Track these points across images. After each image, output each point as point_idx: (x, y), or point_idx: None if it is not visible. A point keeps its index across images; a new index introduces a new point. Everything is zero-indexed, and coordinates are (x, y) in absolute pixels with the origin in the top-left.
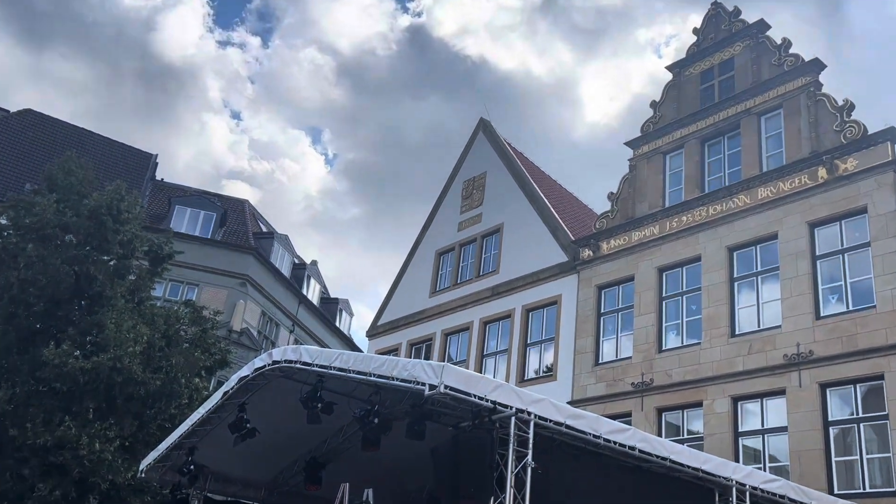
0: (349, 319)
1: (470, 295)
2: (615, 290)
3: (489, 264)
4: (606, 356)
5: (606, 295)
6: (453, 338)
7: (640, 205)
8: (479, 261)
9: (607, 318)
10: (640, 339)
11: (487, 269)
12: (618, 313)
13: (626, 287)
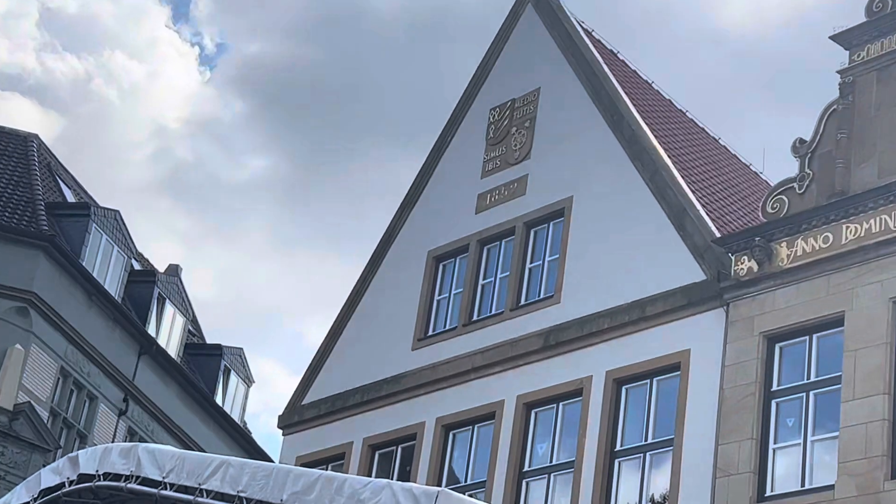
0: (244, 390)
1: (499, 347)
2: (802, 344)
3: (540, 284)
4: (781, 483)
5: (785, 354)
6: (462, 436)
7: (864, 167)
8: (518, 276)
9: (785, 401)
10: (854, 448)
11: (536, 293)
12: (806, 392)
13: (826, 338)
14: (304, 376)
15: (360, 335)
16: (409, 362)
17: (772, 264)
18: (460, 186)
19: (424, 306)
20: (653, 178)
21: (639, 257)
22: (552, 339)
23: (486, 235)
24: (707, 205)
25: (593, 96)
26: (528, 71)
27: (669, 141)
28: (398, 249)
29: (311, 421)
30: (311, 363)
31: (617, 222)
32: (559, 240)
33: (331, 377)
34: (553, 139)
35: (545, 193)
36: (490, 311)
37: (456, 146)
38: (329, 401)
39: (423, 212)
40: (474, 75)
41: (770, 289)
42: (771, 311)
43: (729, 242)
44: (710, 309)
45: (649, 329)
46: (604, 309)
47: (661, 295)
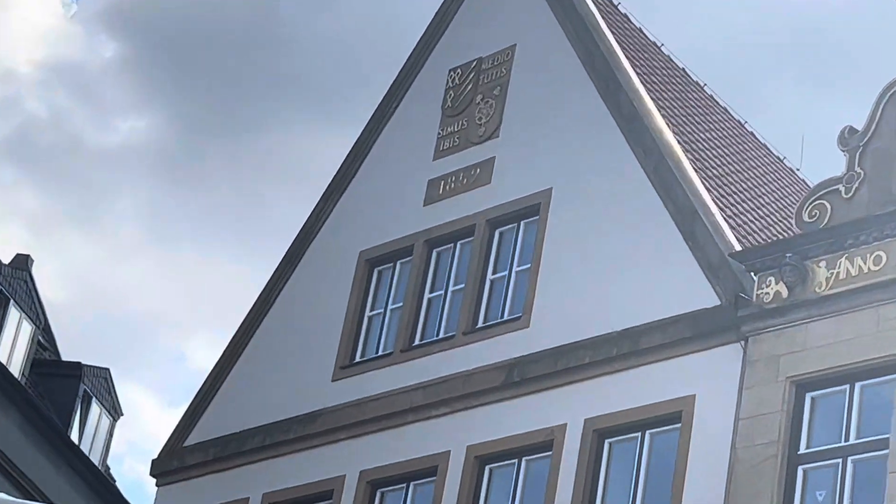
0: (108, 424)
1: (447, 382)
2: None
3: (505, 302)
4: None
5: (819, 406)
6: (392, 496)
7: None
8: (476, 290)
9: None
10: None
11: (499, 313)
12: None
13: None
14: (188, 410)
15: (264, 359)
16: (329, 397)
17: (806, 289)
18: (405, 170)
19: (351, 325)
20: (657, 169)
21: (633, 273)
22: (517, 375)
23: (436, 235)
24: (726, 208)
25: (584, 59)
26: (501, 23)
27: (681, 121)
28: (319, 249)
29: (195, 469)
30: (198, 394)
31: (607, 226)
32: (531, 245)
33: (223, 413)
34: (529, 113)
35: (516, 183)
36: (437, 334)
37: (402, 117)
38: (220, 443)
39: (354, 201)
40: (430, 25)
41: (802, 321)
42: (802, 351)
43: (752, 258)
44: (723, 344)
45: (643, 367)
46: (585, 338)
47: (660, 323)
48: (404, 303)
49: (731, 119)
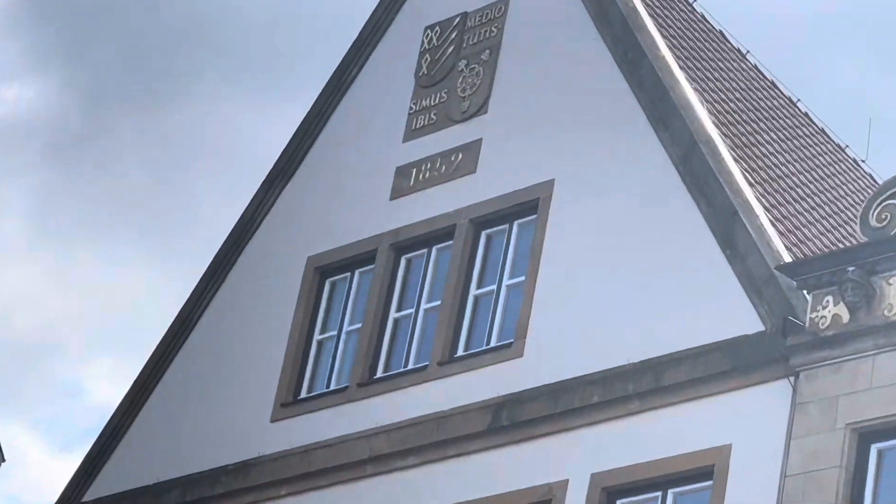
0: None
1: (418, 425)
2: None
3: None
4: None
5: (887, 460)
6: None
7: None
8: (456, 308)
9: None
10: None
11: (484, 339)
12: None
13: None
14: (88, 457)
15: (184, 394)
16: (267, 442)
17: (873, 312)
18: (367, 154)
19: (296, 351)
20: (686, 158)
21: (656, 289)
22: (506, 418)
23: (405, 238)
24: (773, 208)
25: (597, 17)
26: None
27: (718, 98)
28: (256, 254)
29: None
30: (101, 436)
31: (623, 229)
32: (527, 252)
33: (132, 461)
34: (526, 84)
35: (509, 173)
36: (406, 364)
37: (363, 88)
38: (128, 499)
39: (301, 193)
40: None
41: (868, 353)
42: (868, 391)
43: (805, 272)
44: (767, 380)
45: (666, 409)
46: (593, 371)
47: (688, 353)
48: (364, 323)
49: (781, 96)
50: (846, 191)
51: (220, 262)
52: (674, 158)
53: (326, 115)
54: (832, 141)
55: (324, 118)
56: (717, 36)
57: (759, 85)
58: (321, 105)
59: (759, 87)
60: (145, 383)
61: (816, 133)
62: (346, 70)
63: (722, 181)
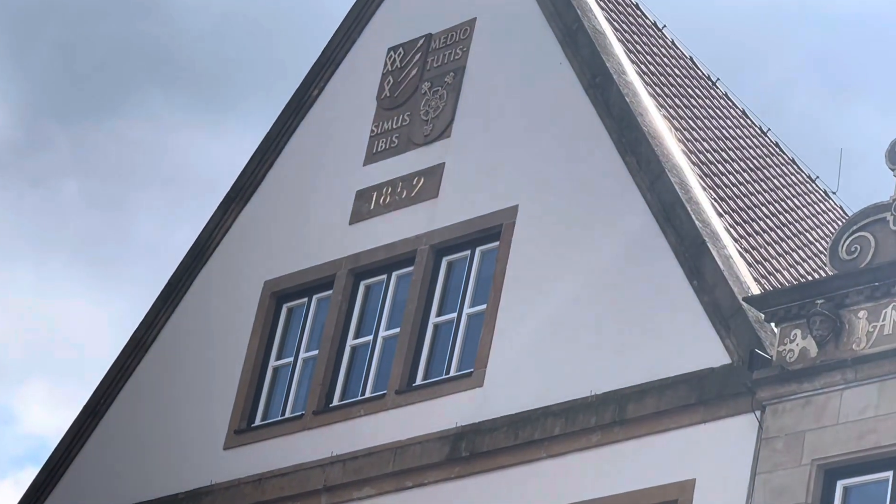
0: None
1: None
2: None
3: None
4: None
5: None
6: None
7: None
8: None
9: None
10: None
11: (444, 368)
12: None
13: None
14: (32, 488)
15: (135, 421)
16: (220, 470)
17: (841, 346)
18: (327, 177)
19: (251, 377)
20: (654, 185)
21: (619, 320)
22: (465, 448)
23: (364, 263)
24: (742, 239)
25: (564, 40)
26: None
27: (686, 125)
28: (212, 277)
29: None
30: (48, 464)
31: (588, 257)
32: (488, 279)
33: (79, 490)
34: (490, 108)
35: (471, 199)
36: (363, 392)
37: (324, 109)
38: None
39: (259, 216)
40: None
41: (836, 387)
42: (834, 426)
43: (773, 304)
44: (733, 414)
45: (630, 441)
46: (555, 403)
47: (653, 385)
48: (321, 350)
49: (751, 125)
50: (816, 222)
51: (174, 285)
52: (641, 186)
53: (286, 136)
54: (802, 171)
55: (283, 139)
56: (687, 62)
57: (729, 113)
58: (281, 125)
59: (729, 116)
60: (95, 408)
61: (787, 163)
62: (307, 90)
63: (690, 210)
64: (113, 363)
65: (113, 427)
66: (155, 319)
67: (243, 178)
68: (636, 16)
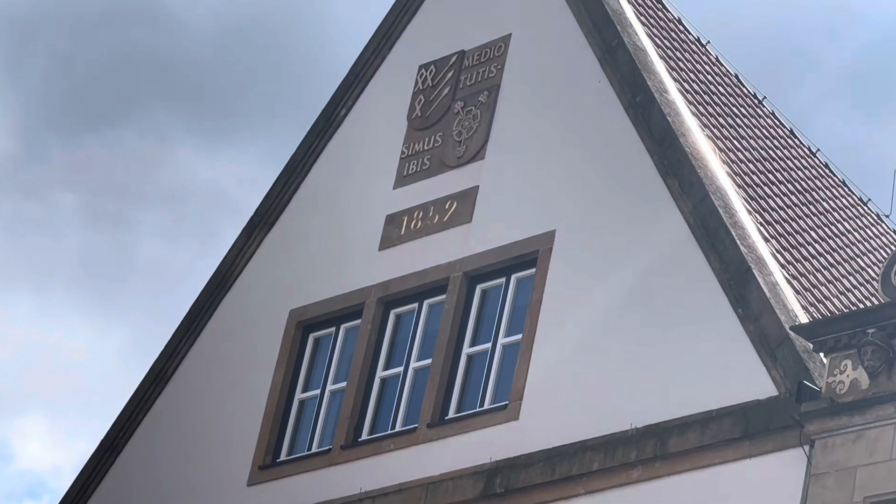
0: None
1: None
2: None
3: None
4: None
5: None
6: None
7: None
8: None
9: None
10: None
11: (477, 401)
12: None
13: None
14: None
15: (155, 454)
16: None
17: (894, 377)
18: (356, 202)
19: (276, 410)
20: (697, 209)
21: (662, 350)
22: (499, 484)
23: (394, 291)
24: (789, 265)
25: (603, 57)
26: (492, 5)
27: (731, 146)
28: (235, 306)
29: None
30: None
31: (628, 285)
32: (525, 308)
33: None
34: (526, 128)
35: (506, 224)
36: (393, 426)
37: (352, 130)
38: None
39: (285, 242)
40: (395, 5)
41: (889, 420)
42: (886, 462)
43: (822, 334)
44: (780, 449)
45: (671, 477)
46: (594, 437)
47: (695, 419)
48: (349, 382)
49: (800, 145)
50: (867, 247)
51: (196, 314)
52: (684, 210)
53: (312, 158)
54: (853, 194)
55: (309, 161)
56: (732, 79)
57: (776, 133)
58: (306, 147)
59: (776, 136)
60: (113, 442)
61: (837, 185)
62: (334, 110)
63: (735, 235)
64: (132, 395)
65: (131, 462)
66: (175, 350)
67: (267, 202)
68: (678, 31)
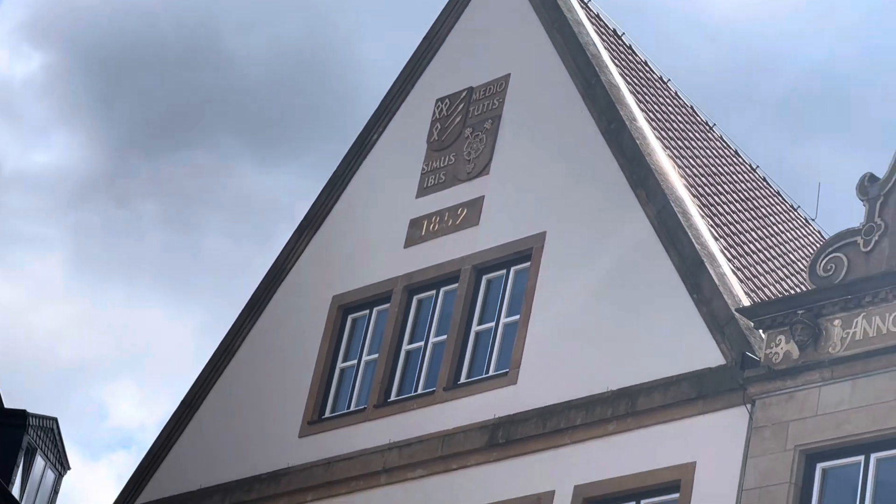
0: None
1: (425, 442)
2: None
3: (490, 356)
4: None
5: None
6: None
7: None
8: (459, 342)
9: None
10: None
11: (484, 368)
12: None
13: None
14: (142, 464)
15: (225, 412)
16: (295, 455)
17: (819, 350)
18: (385, 208)
19: (322, 376)
20: (660, 215)
21: (632, 327)
22: (501, 436)
23: (417, 281)
24: (735, 259)
25: (584, 92)
26: (495, 50)
27: (688, 164)
28: (289, 292)
29: None
30: (152, 448)
31: (605, 275)
32: (521, 294)
33: (179, 470)
34: (523, 149)
35: (506, 226)
36: (416, 389)
37: (384, 150)
38: (176, 502)
39: (328, 240)
40: (417, 50)
41: (814, 384)
42: (813, 417)
43: (761, 314)
44: (727, 407)
45: (639, 430)
46: (577, 397)
47: (659, 383)
48: (380, 354)
49: (742, 163)
50: (797, 245)
51: (257, 299)
52: (649, 215)
53: (350, 173)
54: (786, 202)
55: (348, 176)
56: (688, 110)
57: (724, 153)
58: (346, 164)
59: (724, 155)
60: (191, 402)
61: (772, 195)
62: (368, 135)
63: (690, 235)
64: (205, 365)
65: (206, 418)
66: (240, 328)
67: (314, 209)
68: (645, 71)
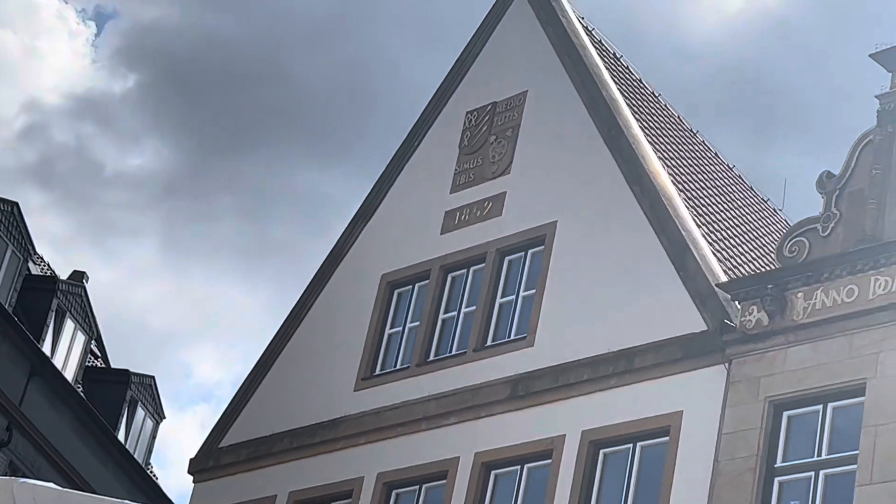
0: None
1: (458, 394)
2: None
3: (511, 323)
4: None
5: (794, 424)
6: (406, 497)
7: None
8: (486, 312)
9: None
10: None
11: (506, 333)
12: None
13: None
14: (224, 414)
15: (293, 370)
16: (351, 405)
17: (785, 318)
18: (425, 202)
19: (373, 340)
20: (652, 206)
21: (629, 299)
22: (521, 389)
23: (451, 261)
24: (714, 242)
25: (589, 105)
26: (515, 71)
27: (675, 164)
28: (345, 272)
29: (229, 467)
30: (233, 399)
31: (606, 256)
32: (537, 272)
33: (255, 417)
34: (538, 153)
35: (524, 216)
36: (450, 350)
37: (424, 153)
38: (252, 445)
39: (377, 229)
40: (450, 71)
41: (781, 346)
42: (780, 373)
43: (736, 288)
44: (708, 365)
45: (636, 384)
46: (584, 357)
47: (652, 345)
48: (421, 322)
49: (721, 163)
50: (767, 231)
51: (319, 278)
52: (643, 207)
53: (396, 173)
54: (758, 195)
55: (394, 175)
56: (676, 120)
57: (706, 155)
58: (392, 166)
59: (706, 157)
60: (266, 362)
61: (746, 190)
62: (411, 141)
63: (678, 224)
64: (276, 332)
65: (276, 376)
66: (305, 301)
67: (366, 203)
68: (639, 87)
